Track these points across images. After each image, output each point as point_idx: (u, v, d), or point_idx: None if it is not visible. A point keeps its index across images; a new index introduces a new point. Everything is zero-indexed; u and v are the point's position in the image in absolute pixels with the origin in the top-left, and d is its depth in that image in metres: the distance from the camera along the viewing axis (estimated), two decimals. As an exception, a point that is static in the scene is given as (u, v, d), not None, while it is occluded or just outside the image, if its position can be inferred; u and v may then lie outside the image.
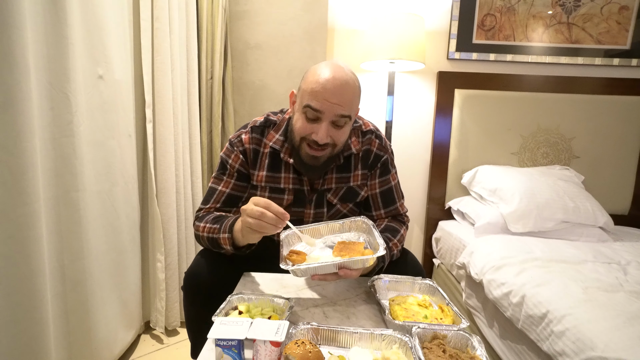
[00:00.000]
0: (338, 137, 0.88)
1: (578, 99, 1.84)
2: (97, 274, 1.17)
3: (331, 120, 0.85)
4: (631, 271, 1.19)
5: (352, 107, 0.87)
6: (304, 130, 0.87)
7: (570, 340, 0.86)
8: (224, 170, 0.98)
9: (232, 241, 0.85)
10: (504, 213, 1.55)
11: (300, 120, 0.87)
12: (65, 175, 1.04)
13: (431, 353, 0.60)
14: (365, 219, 0.91)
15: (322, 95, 0.83)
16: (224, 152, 0.99)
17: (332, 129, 0.86)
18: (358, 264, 0.76)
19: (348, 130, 0.91)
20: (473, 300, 1.40)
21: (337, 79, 0.83)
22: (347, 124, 0.88)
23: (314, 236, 0.91)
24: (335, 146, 0.89)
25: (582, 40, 1.86)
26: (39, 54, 0.94)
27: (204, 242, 0.93)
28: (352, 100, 0.86)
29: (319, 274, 0.76)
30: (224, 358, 0.57)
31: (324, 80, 0.83)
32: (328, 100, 0.83)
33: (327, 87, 0.82)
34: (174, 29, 1.44)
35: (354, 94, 0.87)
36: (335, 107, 0.83)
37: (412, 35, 1.60)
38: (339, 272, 0.76)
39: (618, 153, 1.86)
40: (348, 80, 0.85)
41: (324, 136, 0.84)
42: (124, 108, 1.29)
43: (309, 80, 0.86)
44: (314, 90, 0.83)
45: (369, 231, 0.88)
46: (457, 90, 1.85)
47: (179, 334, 1.56)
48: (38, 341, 0.94)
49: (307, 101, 0.84)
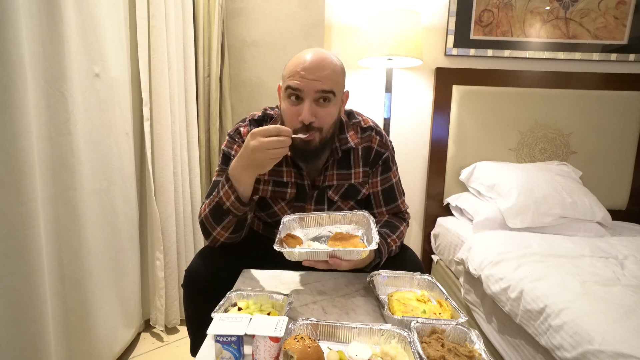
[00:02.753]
0: (323, 118, 0.87)
1: (576, 94, 1.84)
2: (96, 273, 1.17)
3: (313, 99, 0.85)
4: (628, 265, 1.19)
5: (332, 83, 0.86)
6: (291, 116, 0.87)
7: (567, 334, 0.87)
8: (228, 163, 0.97)
9: (234, 190, 0.84)
10: (502, 209, 1.55)
11: (286, 105, 0.88)
12: (62, 174, 1.04)
13: (429, 347, 0.61)
14: (367, 213, 0.91)
15: (299, 74, 0.84)
16: (226, 145, 0.99)
17: (316, 107, 0.85)
18: (348, 255, 0.77)
19: (334, 111, 0.89)
20: (472, 295, 1.41)
21: (313, 56, 0.85)
22: (332, 102, 0.87)
23: (314, 225, 0.92)
24: (321, 130, 0.87)
25: (580, 35, 1.86)
26: (35, 53, 0.94)
27: (207, 222, 0.90)
28: (331, 75, 0.85)
29: (310, 260, 0.77)
30: (223, 354, 0.57)
31: (301, 60, 0.85)
32: (306, 77, 0.83)
33: (305, 65, 0.84)
34: (171, 27, 1.43)
35: (333, 70, 0.86)
36: (314, 83, 0.83)
37: (409, 31, 1.59)
38: (329, 261, 0.77)
39: (616, 148, 1.87)
40: (326, 57, 0.86)
41: (307, 114, 0.84)
42: (121, 106, 1.28)
43: (288, 64, 0.88)
44: (292, 71, 0.85)
45: (367, 225, 0.88)
46: (455, 86, 1.85)
47: (179, 331, 1.56)
48: (38, 339, 0.94)
49: (287, 83, 0.86)
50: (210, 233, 0.92)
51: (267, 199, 0.99)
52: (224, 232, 0.90)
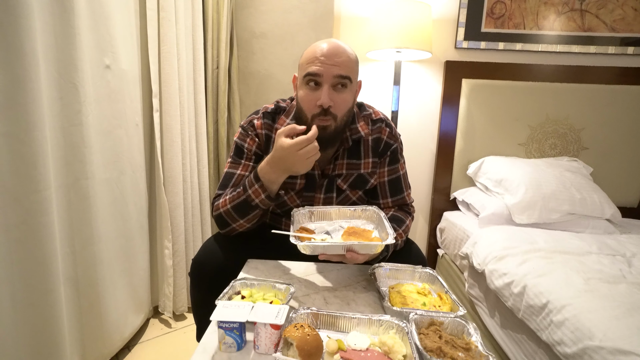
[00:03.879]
0: (339, 103, 0.89)
1: (589, 88, 1.80)
2: (107, 260, 1.21)
3: (331, 84, 0.87)
4: (636, 263, 1.18)
5: (349, 69, 0.88)
6: (309, 102, 0.88)
7: (569, 329, 0.87)
8: (241, 155, 0.99)
9: (264, 189, 0.88)
10: (509, 204, 1.54)
11: (304, 92, 0.90)
12: (74, 164, 1.07)
13: (427, 338, 0.62)
14: (377, 209, 0.91)
15: (318, 59, 0.87)
16: (238, 137, 1.01)
17: (333, 92, 0.88)
18: (366, 249, 0.77)
19: (349, 99, 0.91)
20: (475, 290, 1.41)
21: (330, 44, 0.88)
22: (348, 88, 0.90)
23: (323, 219, 0.93)
24: (336, 117, 0.90)
25: (596, 28, 1.81)
26: (47, 44, 0.96)
27: (228, 216, 0.92)
28: (347, 62, 0.88)
29: (326, 254, 0.78)
30: (225, 339, 0.60)
31: (318, 48, 0.88)
32: (325, 62, 0.86)
33: (323, 51, 0.87)
34: (180, 19, 1.44)
35: (349, 58, 0.89)
36: (333, 68, 0.86)
37: (419, 23, 1.57)
38: (346, 255, 0.77)
39: (628, 144, 1.83)
40: (341, 45, 0.89)
41: (326, 98, 0.86)
42: (131, 97, 1.31)
43: (305, 53, 0.91)
44: (311, 57, 0.88)
45: (379, 221, 0.88)
46: (464, 80, 1.83)
47: (186, 318, 1.60)
48: (52, 322, 0.98)
49: (305, 70, 0.88)
50: (229, 224, 0.94)
51: None
52: (246, 224, 0.93)
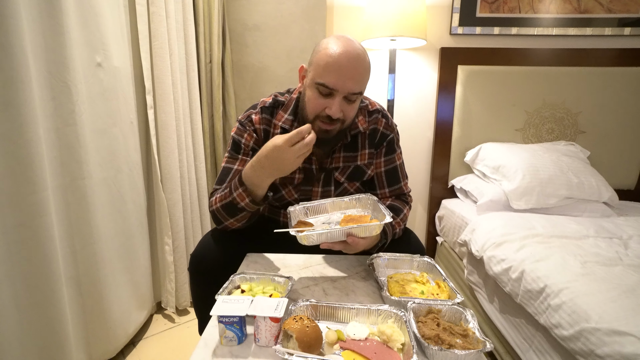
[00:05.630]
0: (348, 113, 0.89)
1: (586, 72, 1.79)
2: (107, 258, 1.21)
3: (344, 96, 0.86)
4: (632, 245, 1.19)
5: (363, 83, 0.88)
6: (317, 106, 0.87)
7: (566, 312, 0.88)
8: (238, 150, 0.99)
9: (248, 193, 0.86)
10: (507, 190, 1.54)
11: (313, 96, 0.88)
12: (70, 164, 1.07)
13: (425, 326, 0.63)
14: (370, 195, 0.92)
15: (335, 73, 0.83)
16: (236, 132, 1.00)
17: (344, 104, 0.87)
18: (366, 231, 0.78)
19: (357, 105, 0.92)
20: (474, 276, 1.43)
21: (350, 54, 0.83)
22: (358, 99, 0.90)
23: (320, 213, 0.94)
24: (344, 122, 0.90)
25: (592, 9, 1.79)
26: (37, 44, 0.95)
27: (219, 214, 0.92)
28: (364, 76, 0.87)
29: (328, 242, 0.78)
30: (226, 333, 0.60)
31: (337, 56, 0.83)
32: (342, 76, 0.83)
33: (341, 63, 0.83)
34: (170, 13, 1.42)
35: (365, 70, 0.87)
36: (349, 83, 0.84)
37: (413, 10, 1.55)
38: (348, 240, 0.77)
39: (626, 127, 1.82)
40: (360, 55, 0.85)
41: (337, 111, 0.85)
42: (125, 95, 1.30)
43: (321, 56, 0.85)
44: (328, 66, 0.83)
45: (374, 206, 0.89)
46: (460, 66, 1.81)
47: (189, 313, 1.62)
48: (56, 322, 0.99)
49: (320, 78, 0.85)
50: (221, 222, 0.94)
51: (275, 183, 1.01)
52: (237, 223, 0.93)
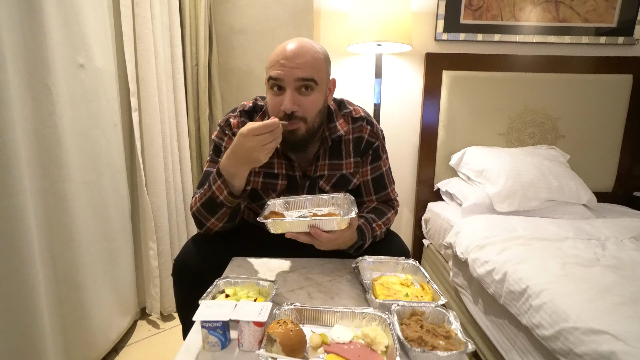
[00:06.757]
0: (306, 106, 0.86)
1: (565, 78, 1.85)
2: (88, 263, 1.18)
3: (295, 87, 0.85)
4: (609, 246, 1.23)
5: (313, 70, 0.85)
6: (274, 105, 0.87)
7: (546, 313, 0.90)
8: (219, 153, 0.98)
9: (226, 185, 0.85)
10: (490, 193, 1.58)
11: (270, 96, 0.88)
12: (50, 167, 1.04)
13: (409, 328, 0.63)
14: (347, 195, 0.92)
15: (279, 63, 0.84)
16: (217, 136, 0.99)
17: (298, 96, 0.85)
18: (327, 225, 0.80)
19: (318, 100, 0.89)
20: (459, 278, 1.45)
21: (293, 45, 0.85)
22: (315, 90, 0.87)
23: (298, 208, 0.94)
24: (306, 119, 0.87)
25: (570, 18, 1.86)
26: (15, 43, 0.92)
27: (200, 215, 0.91)
28: (311, 63, 0.85)
29: (292, 232, 0.80)
30: (209, 339, 0.60)
31: (280, 50, 0.85)
32: (285, 65, 0.83)
33: (284, 54, 0.84)
34: (156, 15, 1.41)
35: (314, 58, 0.86)
36: (294, 71, 0.83)
37: (398, 16, 1.58)
38: (310, 230, 0.79)
39: (603, 131, 1.88)
40: (305, 45, 0.86)
41: (289, 103, 0.83)
42: (108, 97, 1.28)
43: (270, 56, 0.88)
44: (272, 60, 0.86)
45: (349, 205, 0.89)
46: (445, 71, 1.85)
47: (174, 319, 1.59)
48: (33, 329, 0.96)
49: (268, 74, 0.86)
50: (204, 224, 0.93)
51: (258, 190, 1.00)
52: (218, 222, 0.92)
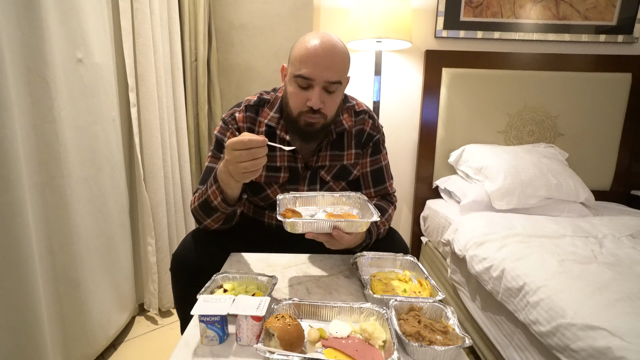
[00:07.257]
0: (329, 104, 0.88)
1: (564, 76, 1.84)
2: (87, 259, 1.18)
3: (322, 86, 0.86)
4: (607, 244, 1.23)
5: (341, 73, 0.87)
6: (298, 100, 0.87)
7: (543, 309, 0.90)
8: (221, 149, 0.97)
9: (221, 191, 0.84)
10: (489, 191, 1.58)
11: (294, 90, 0.88)
12: (49, 162, 1.04)
13: (406, 323, 0.64)
14: (360, 194, 0.92)
15: (312, 62, 0.83)
16: (219, 131, 0.99)
17: (324, 94, 0.87)
18: (352, 227, 0.78)
19: (339, 99, 0.92)
20: (457, 275, 1.45)
21: (325, 44, 0.84)
22: (338, 90, 0.89)
23: (309, 204, 0.93)
24: (326, 116, 0.90)
25: (570, 16, 1.85)
26: (13, 38, 0.92)
27: (197, 214, 0.91)
28: (341, 65, 0.87)
29: (314, 232, 0.78)
30: (207, 333, 0.60)
31: (312, 47, 0.84)
32: (318, 65, 0.84)
33: (317, 53, 0.83)
34: (155, 10, 1.40)
35: (343, 59, 0.87)
36: (326, 73, 0.84)
37: (399, 13, 1.57)
38: (333, 233, 0.77)
39: (602, 130, 1.89)
40: (336, 45, 0.86)
41: (317, 101, 0.85)
42: (106, 92, 1.27)
43: (298, 49, 0.86)
44: (304, 57, 0.84)
45: (362, 205, 0.89)
46: (444, 69, 1.85)
47: (172, 314, 1.60)
48: (32, 325, 0.96)
49: (297, 70, 0.85)
50: (200, 222, 0.93)
51: (260, 183, 1.00)
52: (214, 224, 0.92)
